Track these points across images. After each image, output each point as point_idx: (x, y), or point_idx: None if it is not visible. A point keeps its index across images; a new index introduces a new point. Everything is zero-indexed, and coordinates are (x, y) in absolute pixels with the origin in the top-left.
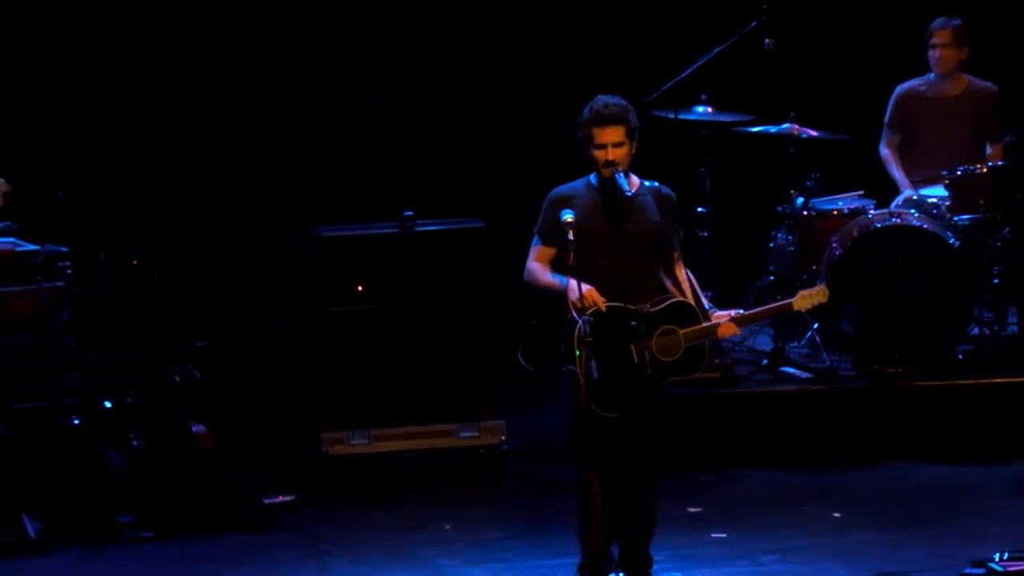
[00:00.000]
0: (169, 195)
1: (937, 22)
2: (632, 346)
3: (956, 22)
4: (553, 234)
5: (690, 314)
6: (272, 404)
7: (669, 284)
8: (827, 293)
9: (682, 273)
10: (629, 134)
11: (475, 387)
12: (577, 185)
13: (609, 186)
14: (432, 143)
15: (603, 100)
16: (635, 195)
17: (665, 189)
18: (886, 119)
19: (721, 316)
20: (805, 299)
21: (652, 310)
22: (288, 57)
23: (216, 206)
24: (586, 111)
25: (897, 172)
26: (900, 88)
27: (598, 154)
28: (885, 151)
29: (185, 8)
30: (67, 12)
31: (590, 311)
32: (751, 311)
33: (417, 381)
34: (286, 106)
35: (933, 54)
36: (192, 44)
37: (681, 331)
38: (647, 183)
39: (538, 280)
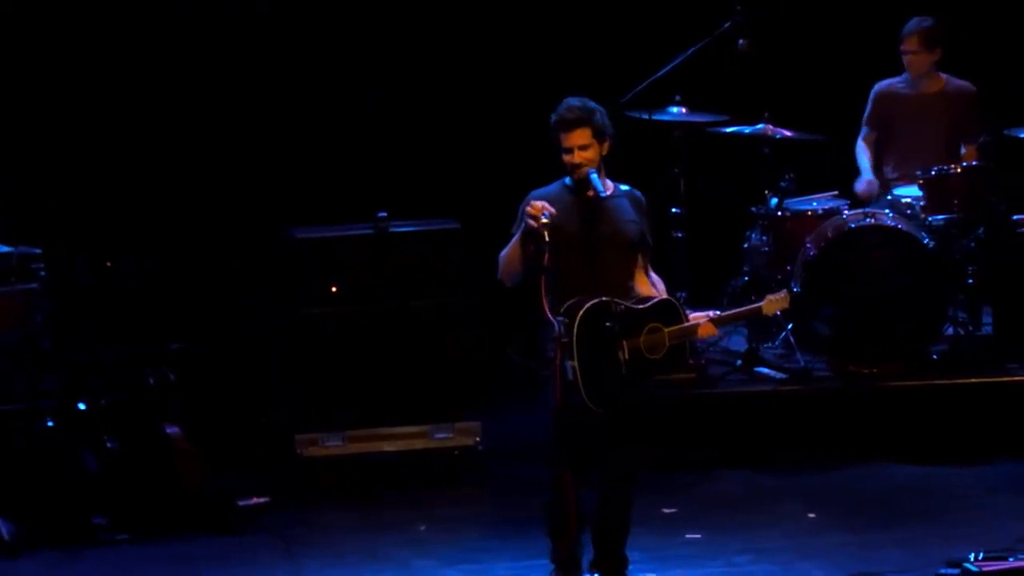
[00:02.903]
0: (145, 197)
1: (907, 26)
2: (623, 342)
3: (926, 24)
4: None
5: (674, 313)
6: (247, 406)
7: (642, 287)
8: (789, 300)
9: (653, 275)
10: (596, 135)
11: (450, 388)
12: (553, 187)
13: (583, 187)
14: (406, 144)
15: (568, 104)
16: (610, 197)
17: (637, 192)
18: (864, 116)
19: (699, 317)
20: (772, 304)
21: (640, 308)
22: (256, 58)
23: (192, 209)
24: (553, 116)
25: (865, 162)
26: (878, 85)
27: (566, 158)
28: (860, 144)
29: (183, 8)
30: (54, 9)
31: (543, 222)
32: (727, 312)
33: (391, 383)
34: (259, 110)
35: (905, 58)
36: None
37: (666, 329)
38: (622, 187)
39: (506, 253)
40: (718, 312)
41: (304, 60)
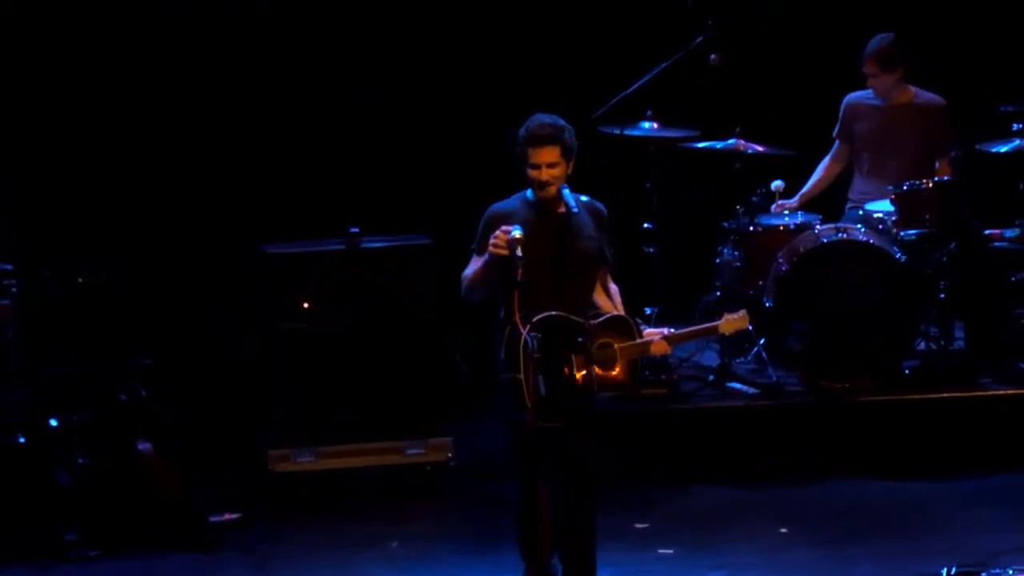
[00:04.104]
0: (119, 212)
1: (866, 48)
2: (573, 357)
3: (883, 45)
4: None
5: (627, 328)
6: (219, 421)
7: (600, 299)
8: (748, 320)
9: (612, 287)
10: (564, 154)
11: (422, 404)
12: (514, 202)
13: (546, 204)
14: (376, 159)
15: (539, 120)
16: (574, 213)
17: (598, 204)
18: (834, 130)
19: (653, 333)
20: (730, 323)
21: (593, 323)
22: (223, 82)
23: (165, 224)
24: (522, 131)
25: (809, 183)
26: (848, 97)
27: (533, 174)
28: (823, 162)
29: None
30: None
31: (513, 246)
32: (681, 331)
33: (363, 398)
34: (226, 128)
35: (867, 80)
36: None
37: (617, 345)
38: (582, 198)
39: (470, 275)
40: (672, 330)
41: (273, 79)
